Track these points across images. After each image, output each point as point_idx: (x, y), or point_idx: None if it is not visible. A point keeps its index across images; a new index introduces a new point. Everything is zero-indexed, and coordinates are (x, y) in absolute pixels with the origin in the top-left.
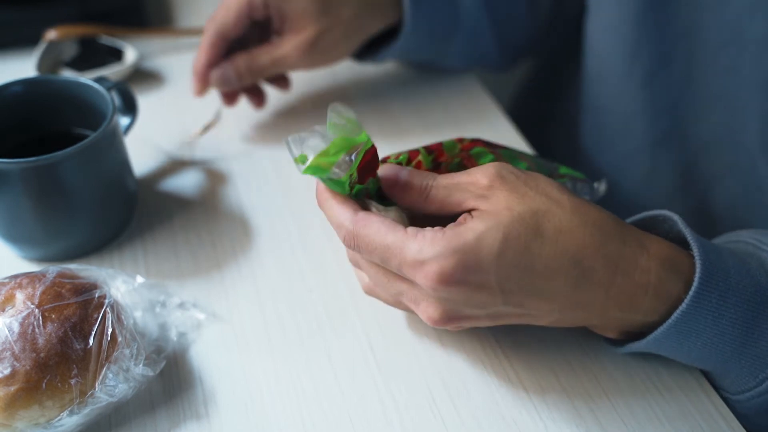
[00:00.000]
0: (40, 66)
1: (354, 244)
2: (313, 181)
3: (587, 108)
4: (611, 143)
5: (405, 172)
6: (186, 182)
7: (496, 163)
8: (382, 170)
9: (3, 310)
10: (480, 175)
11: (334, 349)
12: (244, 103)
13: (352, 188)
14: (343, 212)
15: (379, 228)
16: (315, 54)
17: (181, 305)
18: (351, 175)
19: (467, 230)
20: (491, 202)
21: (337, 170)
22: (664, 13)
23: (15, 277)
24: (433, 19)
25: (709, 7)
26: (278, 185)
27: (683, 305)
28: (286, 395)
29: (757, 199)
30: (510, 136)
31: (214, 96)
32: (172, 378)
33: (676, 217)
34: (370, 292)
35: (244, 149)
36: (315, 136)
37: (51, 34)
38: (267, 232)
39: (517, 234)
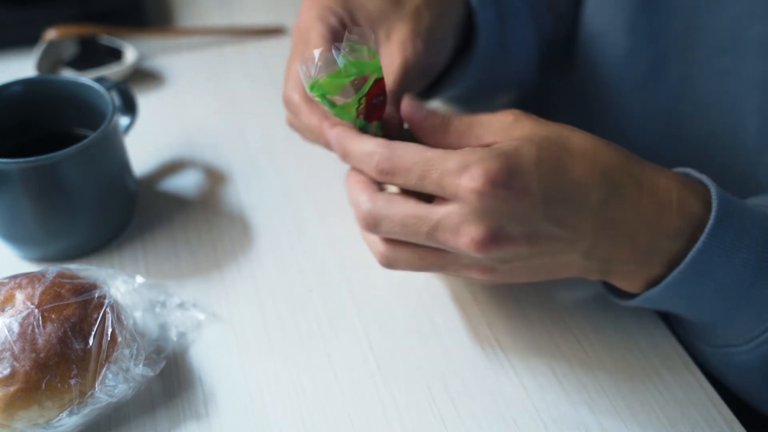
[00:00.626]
0: (40, 66)
1: (389, 165)
2: (312, 181)
3: (583, 110)
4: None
5: (425, 107)
6: (186, 182)
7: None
8: (403, 104)
9: (3, 311)
10: (502, 113)
11: (334, 349)
12: (244, 103)
13: (358, 118)
14: (373, 140)
15: (416, 147)
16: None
17: (181, 305)
18: (360, 101)
19: (503, 145)
20: (516, 131)
21: (344, 95)
22: (659, 18)
23: (15, 277)
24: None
25: (704, 11)
26: (278, 185)
27: (710, 221)
28: (286, 395)
29: None
30: None
31: (214, 97)
32: (172, 378)
33: (689, 170)
34: (389, 258)
35: (244, 149)
36: (328, 60)
37: (51, 34)
38: (267, 232)
39: (549, 149)
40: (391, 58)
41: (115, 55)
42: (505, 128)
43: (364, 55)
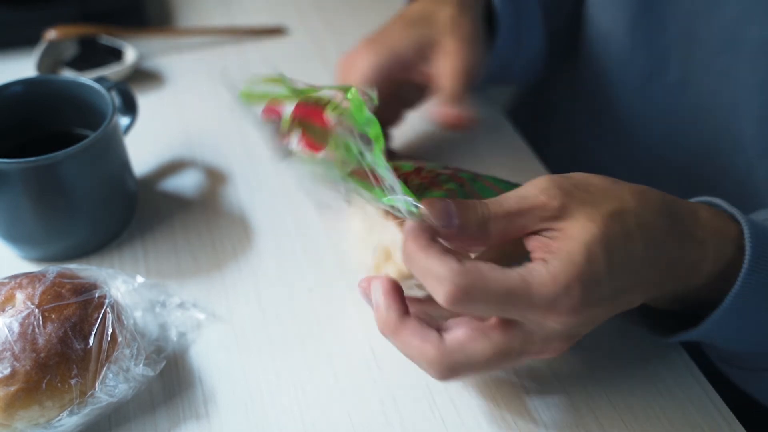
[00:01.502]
0: (40, 66)
1: (466, 296)
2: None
3: (584, 110)
4: (608, 145)
5: (453, 208)
6: (186, 182)
7: (545, 178)
8: (431, 210)
9: (3, 310)
10: (543, 196)
11: (334, 349)
12: None
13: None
14: (447, 263)
15: (494, 277)
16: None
17: (181, 305)
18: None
19: (574, 254)
20: (571, 220)
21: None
22: (658, 20)
23: (15, 277)
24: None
25: (703, 13)
26: (278, 185)
27: (745, 262)
28: (286, 395)
29: (756, 203)
30: (509, 135)
31: (214, 97)
32: (172, 378)
33: (719, 201)
34: (455, 357)
35: (244, 149)
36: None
37: (51, 34)
38: (267, 232)
39: (614, 241)
40: (446, 67)
41: (115, 55)
42: (555, 216)
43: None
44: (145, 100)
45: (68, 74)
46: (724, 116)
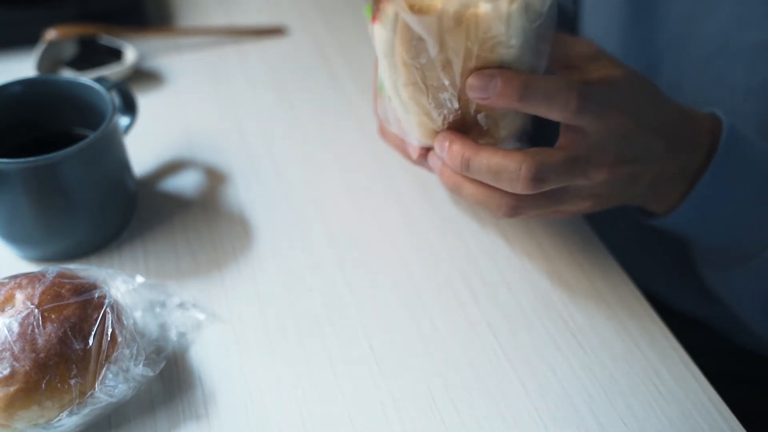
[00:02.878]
0: (40, 66)
1: (540, 177)
2: (312, 181)
3: None
4: None
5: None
6: (186, 182)
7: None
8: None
9: (2, 311)
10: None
11: (334, 349)
12: (244, 103)
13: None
14: (509, 155)
15: (550, 150)
16: None
17: (181, 305)
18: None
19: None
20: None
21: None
22: (650, 27)
23: (15, 277)
24: None
25: (697, 18)
26: (278, 185)
27: (722, 139)
28: (286, 395)
29: None
30: None
31: (214, 97)
32: (172, 378)
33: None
34: (516, 206)
35: (244, 149)
36: None
37: (51, 34)
38: (267, 232)
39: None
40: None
41: (115, 55)
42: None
43: None
44: (145, 100)
45: (68, 74)
46: None
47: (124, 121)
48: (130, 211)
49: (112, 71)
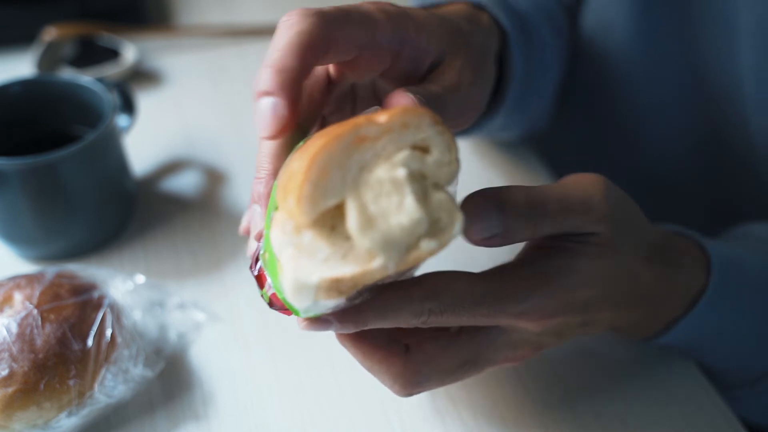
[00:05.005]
0: (40, 65)
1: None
2: None
3: (585, 104)
4: (608, 137)
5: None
6: (186, 182)
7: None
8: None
9: (1, 311)
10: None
11: (334, 349)
12: (243, 103)
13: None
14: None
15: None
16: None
17: (181, 305)
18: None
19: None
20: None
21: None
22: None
23: (13, 278)
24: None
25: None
26: None
27: (711, 280)
28: (286, 395)
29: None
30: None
31: (214, 97)
32: (172, 379)
33: (691, 233)
34: (420, 372)
35: (244, 149)
36: None
37: (51, 34)
38: None
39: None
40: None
41: (115, 54)
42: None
43: None
44: (145, 100)
45: (68, 74)
46: (726, 103)
47: (123, 121)
48: (130, 211)
49: (111, 71)
